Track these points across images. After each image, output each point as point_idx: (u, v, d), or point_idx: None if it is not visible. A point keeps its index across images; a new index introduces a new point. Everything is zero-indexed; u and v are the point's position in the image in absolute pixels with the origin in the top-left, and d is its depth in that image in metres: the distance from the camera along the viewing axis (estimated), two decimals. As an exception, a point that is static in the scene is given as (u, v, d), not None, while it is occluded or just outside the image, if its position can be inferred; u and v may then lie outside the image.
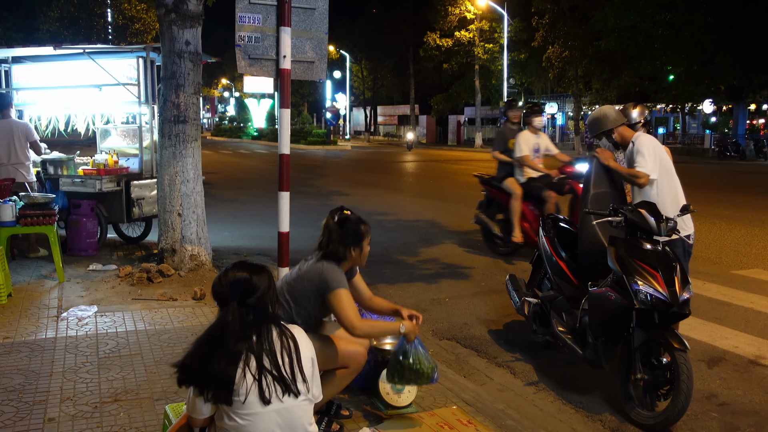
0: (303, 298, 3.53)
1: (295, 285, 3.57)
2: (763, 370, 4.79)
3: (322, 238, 3.61)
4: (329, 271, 3.52)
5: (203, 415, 2.40)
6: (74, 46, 8.51)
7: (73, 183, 7.96)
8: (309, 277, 3.55)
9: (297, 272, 3.61)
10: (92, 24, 37.63)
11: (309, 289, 3.52)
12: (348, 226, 3.61)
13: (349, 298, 3.49)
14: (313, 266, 3.57)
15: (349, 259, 3.63)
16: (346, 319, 3.42)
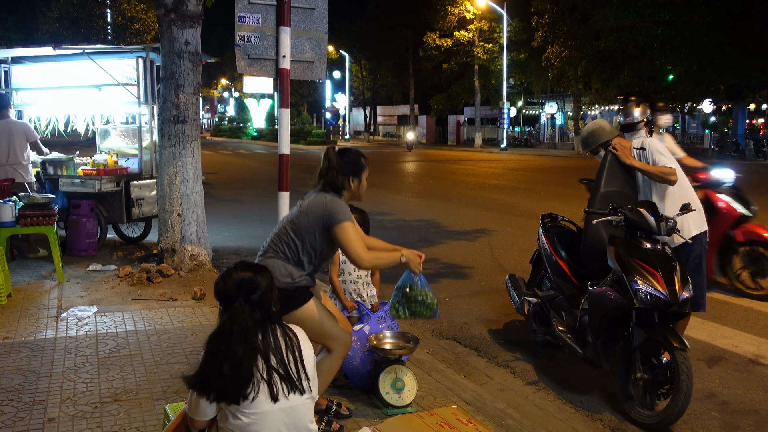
0: (308, 233, 3.44)
1: (299, 222, 3.47)
2: (763, 369, 4.79)
3: (322, 167, 3.54)
4: (333, 203, 3.46)
5: (207, 416, 2.39)
6: (74, 47, 8.51)
7: (73, 183, 7.96)
8: (313, 211, 3.46)
9: (298, 209, 3.52)
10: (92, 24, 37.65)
11: (314, 223, 3.44)
12: (348, 156, 3.59)
13: (355, 231, 3.44)
14: (316, 199, 3.50)
15: (348, 190, 3.57)
16: (354, 252, 3.38)
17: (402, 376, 3.80)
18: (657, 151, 4.61)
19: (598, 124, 4.94)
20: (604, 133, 4.85)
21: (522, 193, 16.18)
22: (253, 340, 2.36)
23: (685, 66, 31.15)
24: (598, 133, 4.88)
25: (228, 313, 2.37)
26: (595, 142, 4.88)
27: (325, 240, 3.48)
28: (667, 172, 4.53)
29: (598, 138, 4.87)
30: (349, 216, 3.46)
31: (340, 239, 3.42)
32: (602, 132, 4.86)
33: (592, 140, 4.89)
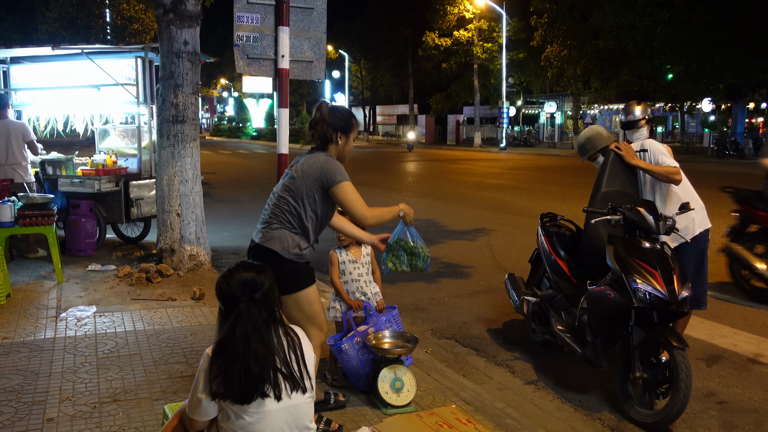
0: (308, 198, 3.44)
1: (296, 187, 3.45)
2: (762, 368, 4.79)
3: (313, 117, 3.54)
4: (329, 163, 3.45)
5: (208, 416, 2.38)
6: (72, 47, 8.50)
7: (72, 183, 7.96)
8: (309, 174, 3.44)
9: (292, 176, 3.48)
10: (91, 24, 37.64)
11: (312, 187, 3.43)
12: (340, 112, 3.60)
13: (354, 190, 3.45)
14: (310, 162, 3.47)
15: (335, 145, 3.55)
16: (356, 210, 3.43)
17: (401, 375, 3.80)
18: (660, 151, 4.61)
19: (596, 130, 4.93)
20: (601, 138, 4.85)
21: (521, 192, 16.18)
22: (266, 338, 2.36)
23: (685, 65, 31.16)
24: (596, 139, 4.87)
25: (235, 315, 2.36)
26: (593, 148, 4.87)
27: (325, 203, 3.48)
28: (672, 172, 4.52)
29: (596, 144, 4.86)
30: (347, 176, 3.45)
31: (341, 199, 3.43)
32: (600, 138, 4.86)
33: (590, 146, 4.88)
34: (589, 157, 4.93)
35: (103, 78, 8.20)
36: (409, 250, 3.72)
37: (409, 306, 6.30)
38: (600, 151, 4.84)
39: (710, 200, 14.30)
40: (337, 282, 4.24)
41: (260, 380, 2.31)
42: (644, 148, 4.68)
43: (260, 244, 3.51)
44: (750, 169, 24.75)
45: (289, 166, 3.60)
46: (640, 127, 4.98)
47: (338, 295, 4.27)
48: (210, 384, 2.31)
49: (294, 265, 3.47)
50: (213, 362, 2.33)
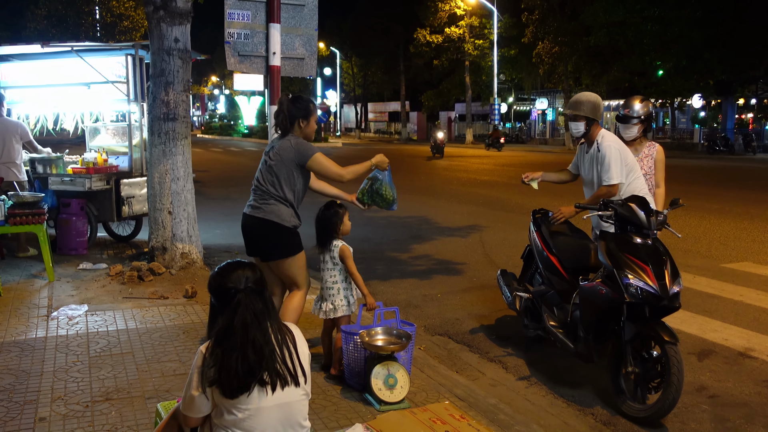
0: (290, 176, 4.13)
1: (278, 171, 4.13)
2: (753, 362, 4.83)
3: (275, 111, 4.23)
4: (299, 143, 4.14)
5: (202, 413, 2.38)
6: (62, 44, 8.45)
7: (63, 182, 7.92)
8: (284, 157, 4.11)
9: (268, 161, 4.16)
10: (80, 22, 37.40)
11: (290, 166, 4.11)
12: (299, 102, 4.23)
13: (325, 158, 4.13)
14: (282, 147, 4.13)
15: (299, 130, 4.20)
16: (333, 172, 4.14)
17: (394, 372, 3.80)
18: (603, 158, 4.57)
19: (599, 102, 4.72)
20: (598, 111, 4.68)
21: (513, 189, 16.21)
22: (264, 326, 2.37)
23: (675, 61, 31.28)
24: (597, 108, 4.68)
25: (235, 304, 2.36)
26: (586, 112, 4.64)
27: (302, 176, 4.19)
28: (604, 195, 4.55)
29: (593, 112, 4.66)
30: (316, 148, 4.12)
31: (317, 168, 4.15)
32: (598, 109, 4.68)
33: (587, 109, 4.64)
34: (571, 116, 4.72)
35: (93, 76, 8.15)
36: (376, 190, 4.43)
37: (402, 303, 6.30)
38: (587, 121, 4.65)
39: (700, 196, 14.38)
40: (358, 274, 4.25)
41: (258, 367, 2.31)
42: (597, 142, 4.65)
43: (262, 217, 4.19)
44: (739, 164, 24.90)
45: (264, 152, 4.22)
46: (633, 125, 5.02)
47: (349, 290, 4.25)
48: (205, 375, 2.30)
49: (291, 232, 4.22)
50: (208, 354, 2.33)
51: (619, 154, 4.59)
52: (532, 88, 47.59)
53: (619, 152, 4.59)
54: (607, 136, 4.69)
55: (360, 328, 4.05)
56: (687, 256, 8.11)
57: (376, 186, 4.45)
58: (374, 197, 4.48)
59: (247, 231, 4.36)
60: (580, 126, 4.70)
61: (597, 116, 4.69)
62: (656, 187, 5.13)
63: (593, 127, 4.70)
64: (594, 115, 4.67)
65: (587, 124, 4.68)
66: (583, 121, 4.68)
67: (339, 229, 4.25)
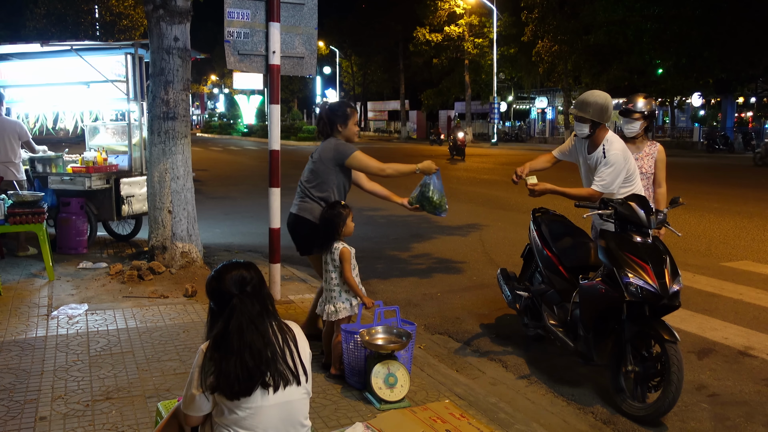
0: (329, 173, 4.44)
1: (318, 169, 4.47)
2: (753, 361, 4.83)
3: (317, 118, 4.69)
4: (339, 144, 4.46)
5: (203, 411, 2.38)
6: (61, 43, 8.45)
7: (62, 181, 7.92)
8: (324, 156, 4.45)
9: (312, 162, 4.52)
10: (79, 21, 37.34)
11: (329, 164, 4.43)
12: (336, 107, 4.57)
13: (365, 155, 4.44)
14: (323, 147, 4.49)
15: (340, 134, 4.52)
16: (375, 167, 4.47)
17: (394, 371, 3.80)
18: (607, 164, 4.45)
19: (609, 104, 4.49)
20: (605, 115, 4.45)
21: (513, 187, 16.16)
22: (262, 329, 2.37)
23: (675, 60, 31.28)
24: (604, 112, 4.45)
25: (229, 309, 2.36)
26: (592, 114, 4.43)
27: (343, 174, 4.51)
28: (586, 196, 4.50)
29: (600, 115, 4.44)
30: (355, 147, 4.43)
31: (357, 164, 4.45)
32: (606, 113, 4.45)
33: (594, 112, 4.43)
34: (577, 117, 4.53)
35: (92, 75, 8.15)
36: (425, 195, 4.58)
37: (402, 301, 6.30)
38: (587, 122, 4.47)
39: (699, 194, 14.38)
40: (353, 279, 4.21)
41: (256, 372, 2.31)
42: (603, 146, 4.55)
43: (296, 214, 4.53)
44: (739, 162, 24.89)
45: (310, 155, 4.56)
46: (634, 120, 5.01)
47: (351, 293, 4.23)
48: (205, 379, 2.31)
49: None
50: (208, 357, 2.33)
51: (623, 165, 4.47)
52: (531, 86, 47.57)
53: (624, 162, 4.47)
54: (614, 141, 4.52)
55: (360, 327, 4.05)
56: (687, 255, 8.11)
57: (425, 191, 4.58)
58: (423, 202, 4.61)
59: (288, 227, 4.69)
60: (585, 128, 4.51)
61: (603, 119, 4.47)
62: (658, 186, 5.11)
63: (599, 130, 4.52)
64: (600, 118, 4.45)
65: (592, 126, 4.49)
66: (588, 123, 4.49)
67: (341, 230, 4.23)
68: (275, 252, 6.00)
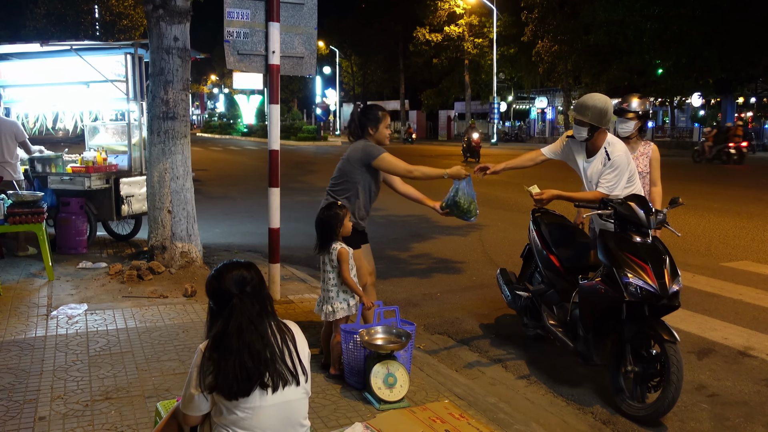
0: (355, 173, 4.48)
1: (346, 170, 4.52)
2: (752, 361, 4.83)
3: (349, 120, 4.74)
4: (367, 145, 4.50)
5: (202, 411, 2.38)
6: (61, 43, 8.44)
7: (62, 181, 7.91)
8: (352, 156, 4.50)
9: (341, 161, 4.56)
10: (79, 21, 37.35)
11: (356, 165, 4.48)
12: (367, 111, 4.61)
13: (393, 157, 4.45)
14: (353, 147, 4.54)
15: (371, 137, 4.55)
16: (402, 168, 4.45)
17: (394, 371, 3.80)
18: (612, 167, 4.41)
19: (609, 108, 4.43)
20: (603, 119, 4.40)
21: (512, 187, 16.21)
22: (261, 329, 2.36)
23: (674, 60, 31.29)
24: (604, 116, 4.39)
25: (229, 309, 2.36)
26: (591, 118, 4.38)
27: (370, 176, 4.52)
28: (590, 199, 4.46)
29: (599, 120, 4.38)
30: (383, 149, 4.47)
31: (385, 166, 4.46)
32: (605, 116, 4.40)
33: (593, 116, 4.38)
34: (576, 120, 4.48)
35: (92, 74, 8.15)
36: (457, 202, 4.50)
37: (402, 302, 6.30)
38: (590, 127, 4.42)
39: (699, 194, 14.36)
40: (351, 279, 4.21)
41: (255, 373, 2.31)
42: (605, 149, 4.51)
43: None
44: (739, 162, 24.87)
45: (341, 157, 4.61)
46: (628, 120, 5.02)
47: (348, 293, 4.23)
48: (203, 379, 2.31)
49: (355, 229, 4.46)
50: (206, 357, 2.33)
51: (627, 167, 4.46)
52: (531, 86, 47.57)
53: (627, 163, 4.46)
54: (616, 143, 4.49)
55: (359, 327, 4.04)
56: (686, 255, 8.11)
57: (454, 196, 4.52)
58: (452, 207, 4.55)
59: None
60: (583, 132, 4.47)
61: (603, 123, 4.42)
62: (653, 185, 5.11)
63: (597, 134, 4.47)
64: (599, 122, 4.40)
65: (590, 130, 4.44)
66: (587, 126, 4.44)
67: (338, 231, 4.23)
68: (275, 252, 6.00)
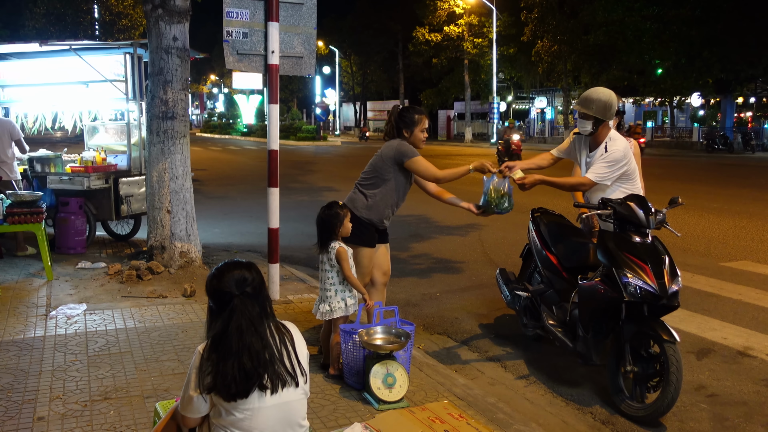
0: (387, 171, 4.52)
1: (378, 165, 4.55)
2: (752, 361, 4.83)
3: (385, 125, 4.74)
4: (402, 144, 4.52)
5: (201, 413, 2.38)
6: (60, 43, 8.43)
7: (61, 181, 7.91)
8: (386, 153, 4.53)
9: (374, 158, 4.58)
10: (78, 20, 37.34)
11: (389, 162, 4.51)
12: (404, 112, 4.61)
13: (424, 161, 4.50)
14: (387, 146, 4.56)
15: (406, 139, 4.56)
16: (430, 173, 4.51)
17: (393, 371, 3.80)
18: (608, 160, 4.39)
19: (613, 102, 4.45)
20: (608, 113, 4.41)
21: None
22: (261, 330, 2.36)
23: (674, 60, 31.33)
24: (609, 109, 4.40)
25: (229, 309, 2.35)
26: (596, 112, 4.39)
27: (401, 174, 4.57)
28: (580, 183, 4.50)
29: (604, 113, 4.40)
30: (417, 153, 4.51)
31: (415, 168, 4.51)
32: (610, 110, 4.41)
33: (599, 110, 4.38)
34: (580, 113, 4.49)
35: (91, 74, 8.14)
36: (488, 194, 4.52)
37: (401, 302, 6.30)
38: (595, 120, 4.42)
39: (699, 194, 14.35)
40: (353, 277, 4.21)
41: (254, 374, 2.30)
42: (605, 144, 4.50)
43: (344, 201, 4.52)
44: (738, 162, 24.90)
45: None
46: None
47: (346, 292, 4.23)
48: (202, 380, 2.30)
49: (360, 222, 4.49)
50: (205, 358, 2.32)
51: (622, 162, 4.43)
52: (531, 86, 47.59)
53: (623, 159, 4.42)
54: (617, 139, 4.49)
55: (359, 327, 4.04)
56: (686, 255, 8.11)
57: (486, 193, 4.53)
58: (485, 206, 4.58)
59: None
60: (588, 125, 4.47)
61: (607, 117, 4.43)
62: None
63: (601, 127, 4.48)
64: (603, 115, 4.42)
65: (595, 124, 4.45)
66: (592, 120, 4.45)
67: (338, 230, 4.23)
68: (274, 252, 5.99)
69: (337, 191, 15.38)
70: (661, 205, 4.51)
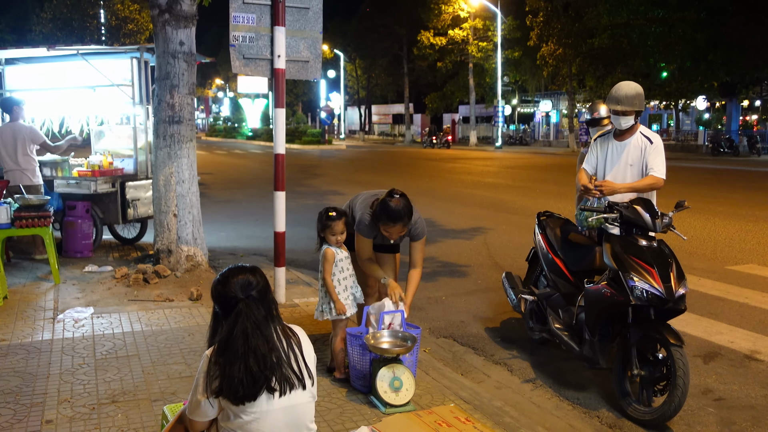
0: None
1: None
2: (759, 365, 4.81)
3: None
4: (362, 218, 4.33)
5: (208, 417, 2.39)
6: (67, 47, 8.48)
7: (68, 184, 7.94)
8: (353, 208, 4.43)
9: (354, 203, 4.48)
10: (85, 25, 37.56)
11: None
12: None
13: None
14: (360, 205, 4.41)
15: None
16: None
17: (399, 374, 3.80)
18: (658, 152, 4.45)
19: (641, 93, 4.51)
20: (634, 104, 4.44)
21: (517, 191, 16.21)
22: (267, 334, 2.37)
23: (679, 63, 31.27)
24: (641, 100, 4.46)
25: (235, 313, 2.36)
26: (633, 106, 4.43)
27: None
28: (654, 184, 4.46)
29: (637, 104, 4.44)
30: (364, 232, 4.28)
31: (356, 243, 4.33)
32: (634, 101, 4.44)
33: (632, 103, 4.43)
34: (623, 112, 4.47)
35: (98, 79, 8.18)
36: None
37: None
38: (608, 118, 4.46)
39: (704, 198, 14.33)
40: (330, 281, 4.20)
41: (261, 377, 2.31)
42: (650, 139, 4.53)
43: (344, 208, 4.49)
44: (744, 165, 24.83)
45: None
46: (604, 126, 5.05)
47: (348, 292, 4.24)
48: (210, 384, 2.31)
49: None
50: (212, 362, 2.33)
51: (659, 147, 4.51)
52: (535, 90, 47.55)
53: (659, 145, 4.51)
54: (647, 129, 4.59)
55: (365, 331, 4.05)
56: (692, 259, 8.09)
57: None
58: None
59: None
60: (631, 120, 4.50)
61: (643, 106, 4.54)
62: None
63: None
64: (642, 106, 4.51)
65: (636, 116, 4.52)
66: (633, 114, 4.49)
67: (323, 235, 4.23)
68: (280, 255, 6.01)
69: (343, 195, 15.40)
70: (667, 208, 4.51)
